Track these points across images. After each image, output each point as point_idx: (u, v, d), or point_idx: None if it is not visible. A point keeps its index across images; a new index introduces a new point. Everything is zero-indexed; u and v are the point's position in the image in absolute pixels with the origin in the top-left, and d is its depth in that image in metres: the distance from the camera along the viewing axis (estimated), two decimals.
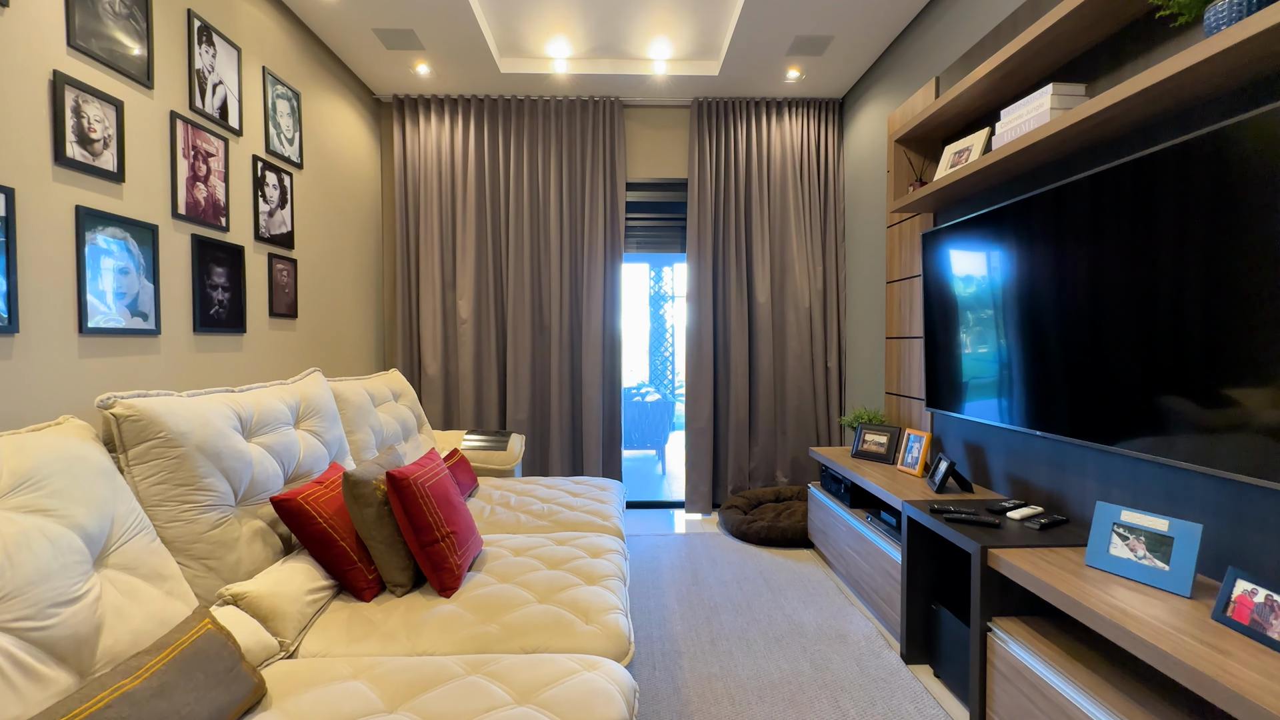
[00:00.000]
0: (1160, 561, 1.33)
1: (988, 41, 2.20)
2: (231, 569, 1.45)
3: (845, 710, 1.75)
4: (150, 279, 1.88)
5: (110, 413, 1.34)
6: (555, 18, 2.94)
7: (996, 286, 1.98)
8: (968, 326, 2.16)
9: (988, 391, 2.05)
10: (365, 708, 1.13)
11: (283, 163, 2.62)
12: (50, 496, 1.10)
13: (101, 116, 1.70)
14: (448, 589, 1.61)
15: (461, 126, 3.61)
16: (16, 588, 0.97)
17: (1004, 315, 1.95)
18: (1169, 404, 1.38)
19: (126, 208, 1.80)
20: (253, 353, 2.42)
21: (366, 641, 1.42)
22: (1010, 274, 1.91)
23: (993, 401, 2.02)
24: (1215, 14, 1.20)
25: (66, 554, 1.07)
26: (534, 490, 2.70)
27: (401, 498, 1.59)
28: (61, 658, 1.00)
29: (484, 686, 1.19)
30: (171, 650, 1.03)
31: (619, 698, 1.18)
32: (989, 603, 1.61)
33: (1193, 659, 1.05)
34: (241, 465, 1.54)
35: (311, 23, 2.80)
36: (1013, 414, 1.92)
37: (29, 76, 1.50)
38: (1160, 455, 1.40)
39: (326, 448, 1.97)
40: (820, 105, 3.71)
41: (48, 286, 1.56)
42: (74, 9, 1.62)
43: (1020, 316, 1.87)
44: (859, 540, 2.43)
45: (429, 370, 3.62)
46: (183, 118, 2.01)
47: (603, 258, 3.67)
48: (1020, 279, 1.87)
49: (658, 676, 1.94)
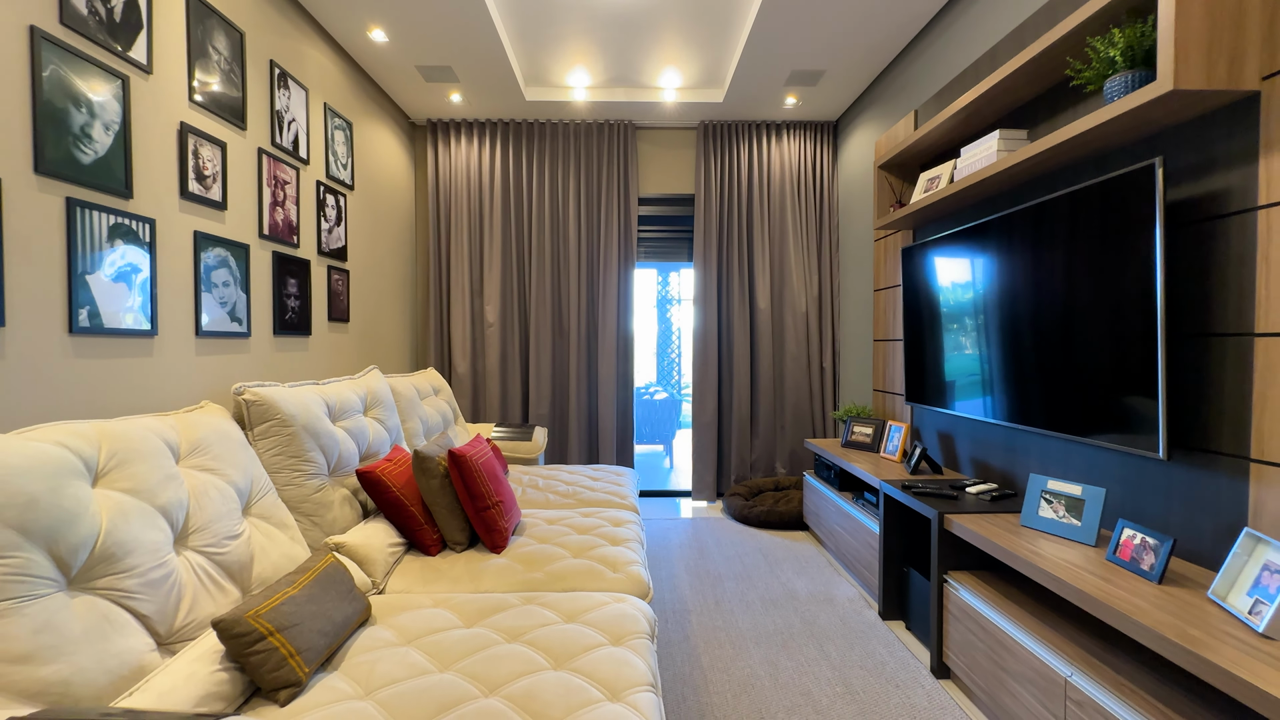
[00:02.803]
0: (1074, 519, 1.66)
1: (958, 82, 2.53)
2: (329, 525, 1.80)
3: (828, 653, 2.08)
4: (244, 290, 2.24)
5: (242, 398, 1.69)
6: (576, 52, 3.29)
7: (960, 297, 2.32)
8: (938, 331, 2.49)
9: (955, 387, 2.38)
10: (450, 624, 1.47)
11: (339, 185, 2.98)
12: (214, 460, 1.45)
13: (211, 156, 2.06)
14: (498, 547, 1.96)
15: (489, 147, 3.97)
16: (204, 522, 1.32)
17: (965, 321, 2.28)
18: (1083, 397, 1.71)
19: (227, 231, 2.16)
20: (315, 353, 2.78)
21: (438, 584, 1.76)
22: (969, 287, 2.24)
23: (958, 396, 2.35)
24: (1110, 87, 1.53)
25: (230, 501, 1.42)
26: (558, 475, 3.04)
27: (460, 471, 1.94)
28: (233, 576, 1.35)
29: (538, 612, 1.53)
30: (312, 573, 1.38)
31: (643, 620, 1.52)
32: (945, 559, 1.94)
33: (1086, 586, 1.38)
34: (332, 444, 1.90)
35: (364, 62, 3.17)
36: (973, 406, 2.25)
37: (164, 129, 1.86)
38: (1080, 436, 1.73)
39: (389, 433, 2.32)
40: (816, 127, 4.05)
41: (175, 299, 1.91)
42: (194, 69, 1.98)
43: (976, 323, 2.21)
44: (845, 518, 2.76)
45: (459, 369, 3.97)
46: (267, 153, 2.37)
47: (617, 266, 4.02)
48: (977, 292, 2.20)
49: (670, 628, 2.28)
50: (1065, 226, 1.75)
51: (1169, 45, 1.32)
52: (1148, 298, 1.48)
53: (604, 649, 1.34)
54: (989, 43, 2.36)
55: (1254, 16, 1.31)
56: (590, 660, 1.29)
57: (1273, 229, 1.30)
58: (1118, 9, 1.50)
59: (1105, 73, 1.55)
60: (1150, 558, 1.39)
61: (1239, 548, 1.24)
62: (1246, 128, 1.37)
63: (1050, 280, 1.83)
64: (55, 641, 0.93)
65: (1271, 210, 1.30)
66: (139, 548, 1.12)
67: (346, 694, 1.16)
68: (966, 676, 1.79)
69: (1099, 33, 1.61)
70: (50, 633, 0.93)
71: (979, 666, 1.73)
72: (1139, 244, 1.50)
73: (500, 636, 1.41)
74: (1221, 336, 1.42)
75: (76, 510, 1.03)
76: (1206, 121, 1.46)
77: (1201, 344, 1.46)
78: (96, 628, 1.00)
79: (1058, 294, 1.80)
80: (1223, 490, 1.41)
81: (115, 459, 1.18)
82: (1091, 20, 1.56)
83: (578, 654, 1.32)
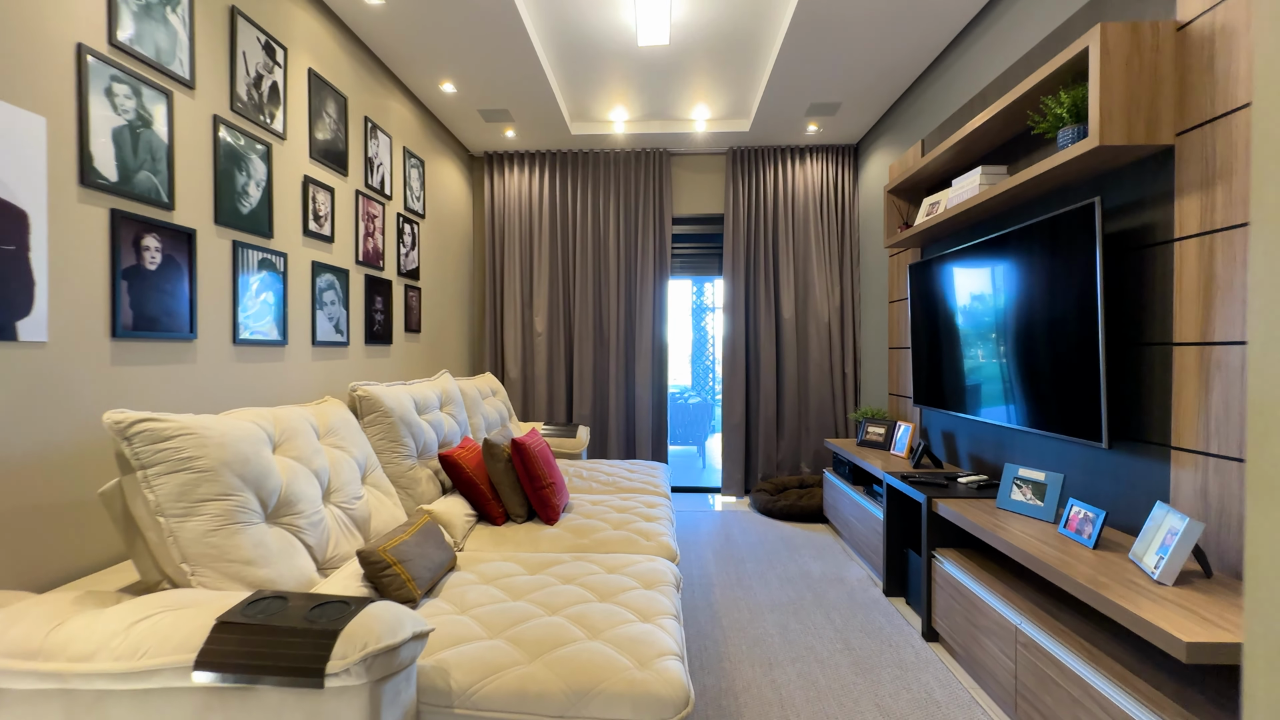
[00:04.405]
0: (1038, 500, 1.95)
1: (957, 115, 2.83)
2: (419, 496, 2.24)
3: (833, 619, 2.40)
4: (344, 307, 2.73)
5: (355, 394, 2.15)
6: (615, 92, 3.72)
7: (952, 310, 2.61)
8: (938, 340, 2.78)
9: (952, 391, 2.66)
10: (517, 571, 1.87)
11: (413, 215, 3.47)
12: (342, 440, 1.90)
13: (324, 200, 2.55)
14: (551, 520, 2.36)
15: (538, 175, 4.44)
16: (340, 485, 1.76)
17: (957, 332, 2.57)
18: (1047, 397, 2.00)
19: (334, 259, 2.65)
20: (394, 359, 3.26)
21: (504, 546, 2.17)
22: (958, 302, 2.53)
23: (955, 399, 2.63)
24: (1062, 137, 1.83)
25: (354, 471, 1.86)
26: (599, 468, 3.44)
27: (521, 456, 2.35)
28: (359, 526, 1.79)
29: (586, 565, 1.92)
30: (416, 526, 1.80)
31: (670, 574, 1.88)
32: (933, 537, 2.24)
33: (1033, 551, 1.67)
34: (420, 432, 2.34)
35: (435, 109, 3.67)
36: (969, 407, 2.53)
37: (293, 181, 2.35)
38: (1047, 431, 2.01)
39: (459, 426, 2.76)
40: (838, 150, 4.36)
41: (298, 316, 2.40)
42: (313, 130, 2.47)
43: (966, 334, 2.49)
44: (857, 508, 3.06)
45: (511, 373, 4.44)
46: (362, 193, 2.86)
47: (652, 281, 4.41)
48: (965, 306, 2.49)
49: (696, 597, 2.63)
50: (1027, 254, 2.05)
51: (1095, 108, 1.62)
52: (1091, 314, 1.77)
53: (638, 590, 1.72)
54: (982, 83, 2.65)
55: (1168, 83, 1.60)
56: (627, 597, 1.67)
57: (1185, 258, 1.59)
58: (1065, 74, 1.81)
59: (1057, 125, 1.85)
60: (1089, 528, 1.68)
61: (1151, 518, 1.52)
62: (1169, 173, 1.65)
63: (1019, 298, 2.12)
64: (265, 554, 1.37)
65: (1185, 242, 1.59)
66: (304, 498, 1.56)
67: (447, 610, 1.57)
68: (950, 637, 2.09)
69: (1051, 92, 1.91)
70: (262, 548, 1.37)
71: (958, 627, 2.02)
72: (1084, 269, 1.79)
73: (556, 580, 1.80)
74: (1151, 345, 1.70)
75: (269, 467, 1.48)
76: (1141, 166, 1.75)
77: (1137, 352, 1.75)
78: (286, 549, 1.44)
79: (1026, 310, 2.09)
80: (1153, 472, 1.69)
81: (285, 434, 1.63)
82: (1045, 82, 1.86)
83: (618, 592, 1.70)
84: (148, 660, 1.02)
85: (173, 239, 1.76)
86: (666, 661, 1.32)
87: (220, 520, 1.31)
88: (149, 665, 1.02)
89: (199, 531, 1.28)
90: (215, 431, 1.37)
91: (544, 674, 1.27)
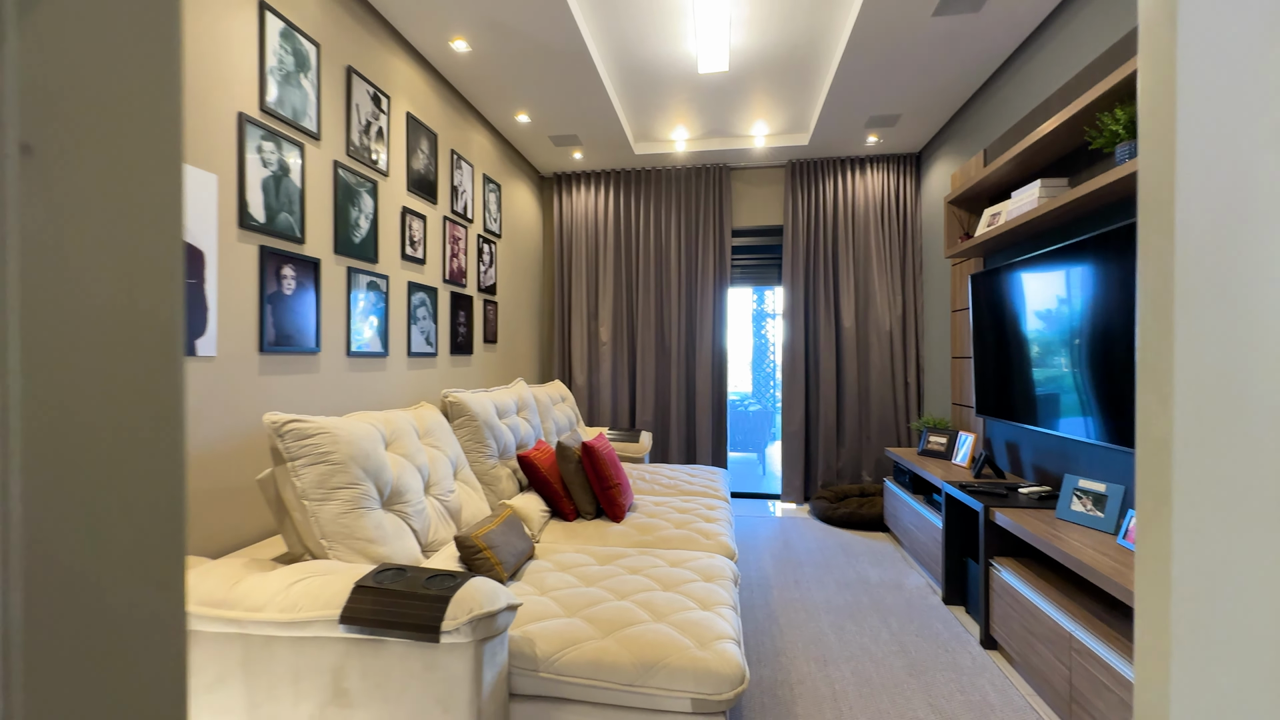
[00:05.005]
0: (1099, 512, 1.95)
1: (1020, 125, 2.83)
2: (500, 493, 2.49)
3: (890, 624, 2.46)
4: (434, 321, 3.04)
5: (447, 400, 2.43)
6: (677, 114, 3.90)
7: (1015, 320, 2.61)
8: (1000, 350, 2.77)
9: (1017, 400, 2.66)
10: (588, 561, 2.07)
11: (491, 235, 3.78)
12: (437, 440, 2.16)
13: (418, 227, 2.87)
14: (618, 518, 2.55)
15: (604, 193, 4.69)
16: (437, 479, 2.02)
17: (1019, 342, 2.58)
18: (1110, 409, 2.00)
19: (425, 279, 2.97)
20: (474, 368, 3.57)
21: (575, 540, 2.38)
22: (1021, 312, 2.54)
23: (1018, 409, 2.63)
24: (1119, 151, 1.86)
25: (448, 468, 2.12)
26: (660, 472, 3.61)
27: (591, 458, 2.56)
28: (453, 516, 2.04)
29: (650, 559, 2.09)
30: (500, 518, 2.04)
31: (728, 570, 2.03)
32: (991, 546, 2.26)
33: (1092, 561, 1.71)
34: (501, 434, 2.60)
35: (510, 137, 3.99)
36: (1032, 418, 2.53)
37: (393, 212, 2.68)
38: (1110, 444, 2.02)
39: (534, 430, 3.01)
40: (899, 159, 4.36)
41: (396, 331, 2.72)
42: (410, 165, 2.80)
43: (1028, 344, 2.50)
44: (917, 517, 3.08)
45: (577, 381, 4.69)
46: (448, 218, 3.18)
47: (712, 292, 4.56)
48: (1027, 317, 2.49)
49: (754, 597, 2.75)
50: (1104, 262, 2.06)
51: None
52: None
53: (698, 583, 1.88)
54: (1046, 92, 2.65)
55: None
56: (688, 588, 1.83)
57: None
58: (1121, 91, 1.83)
59: (1114, 141, 1.87)
60: None
61: None
62: None
63: (1093, 307, 2.13)
64: (383, 534, 1.63)
65: None
66: (411, 489, 1.82)
67: (530, 591, 1.79)
68: (1006, 644, 2.11)
69: (1107, 108, 1.93)
70: (380, 529, 1.63)
71: (1015, 634, 2.05)
72: None
73: (623, 570, 1.98)
74: None
75: (384, 462, 1.74)
76: None
77: None
78: (398, 531, 1.70)
79: (1099, 320, 2.10)
80: None
81: (394, 434, 1.90)
82: (1100, 100, 1.89)
83: (680, 583, 1.87)
84: (304, 613, 1.28)
85: (303, 268, 2.08)
86: (724, 644, 1.47)
87: (349, 505, 1.57)
88: (305, 617, 1.28)
89: (334, 513, 1.55)
90: (344, 431, 1.64)
91: (615, 648, 1.45)
